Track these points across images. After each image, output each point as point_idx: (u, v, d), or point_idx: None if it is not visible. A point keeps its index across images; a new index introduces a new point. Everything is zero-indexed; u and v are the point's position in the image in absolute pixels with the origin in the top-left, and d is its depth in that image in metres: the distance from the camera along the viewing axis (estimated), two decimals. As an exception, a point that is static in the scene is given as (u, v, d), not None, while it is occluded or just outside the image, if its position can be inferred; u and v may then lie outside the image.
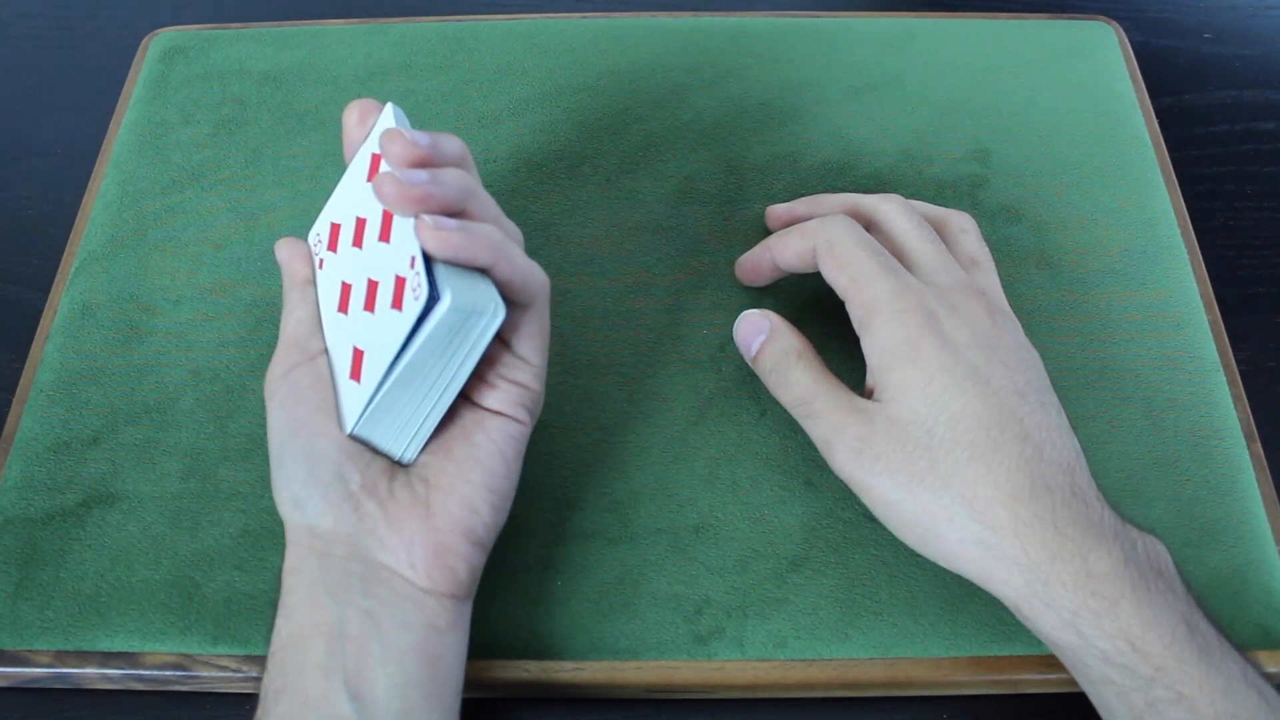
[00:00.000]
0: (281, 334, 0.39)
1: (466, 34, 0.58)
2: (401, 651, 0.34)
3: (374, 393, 0.36)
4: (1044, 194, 0.52)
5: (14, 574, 0.41)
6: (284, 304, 0.40)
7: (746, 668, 0.40)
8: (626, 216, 0.51)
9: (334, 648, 0.34)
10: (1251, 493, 0.43)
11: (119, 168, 0.53)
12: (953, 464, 0.36)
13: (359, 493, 0.36)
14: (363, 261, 0.38)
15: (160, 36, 0.59)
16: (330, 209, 0.41)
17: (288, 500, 0.36)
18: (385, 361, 0.36)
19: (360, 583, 0.35)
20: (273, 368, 0.38)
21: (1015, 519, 0.35)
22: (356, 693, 0.33)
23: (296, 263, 0.41)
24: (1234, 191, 0.56)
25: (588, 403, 0.46)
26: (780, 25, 0.59)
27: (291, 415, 0.37)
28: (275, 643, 0.35)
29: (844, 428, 0.38)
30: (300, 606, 0.35)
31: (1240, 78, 0.61)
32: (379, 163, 0.39)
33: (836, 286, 0.41)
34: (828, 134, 0.54)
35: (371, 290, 0.37)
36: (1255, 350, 0.50)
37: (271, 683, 0.34)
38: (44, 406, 0.46)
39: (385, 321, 0.36)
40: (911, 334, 0.38)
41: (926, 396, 0.37)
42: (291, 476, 0.36)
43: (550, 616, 0.41)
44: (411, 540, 0.36)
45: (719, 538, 0.42)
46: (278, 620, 0.36)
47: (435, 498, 0.37)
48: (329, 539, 0.36)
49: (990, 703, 0.41)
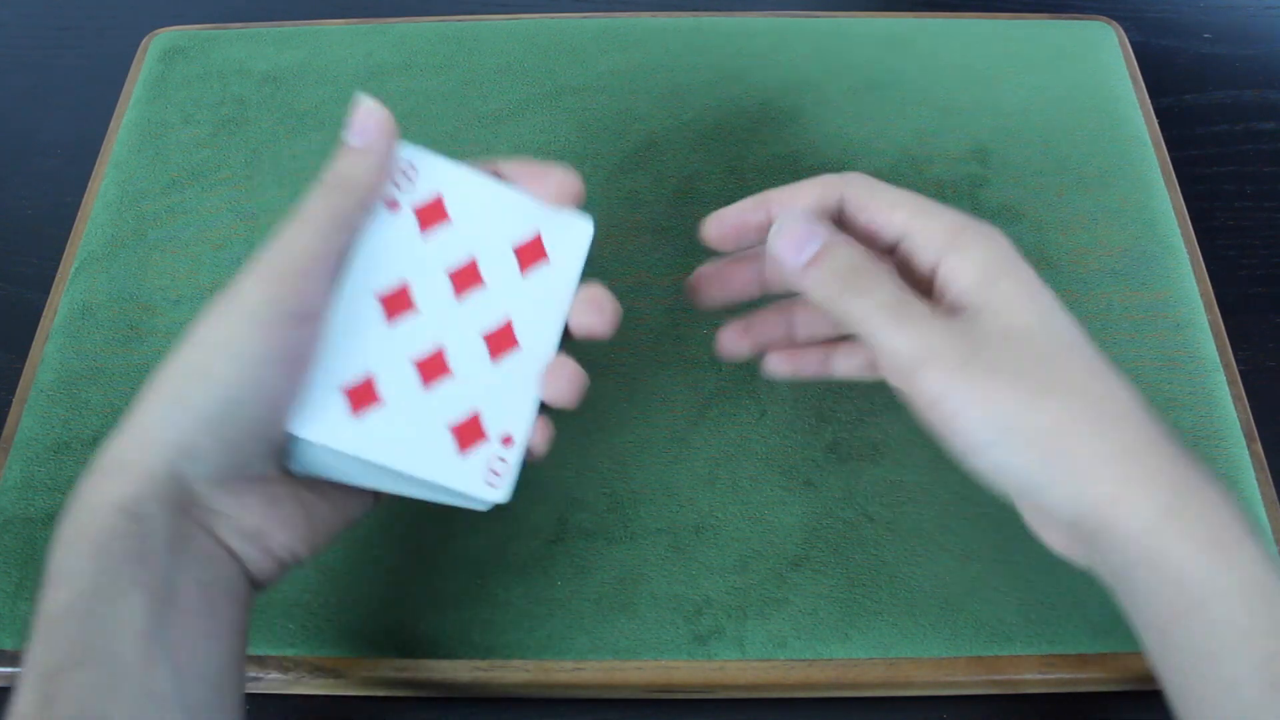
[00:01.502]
0: (307, 245, 0.32)
1: (466, 34, 0.58)
2: (227, 628, 0.32)
3: (357, 453, 0.33)
4: (1044, 194, 0.52)
5: (14, 574, 0.41)
6: (324, 201, 0.33)
7: (746, 668, 0.40)
8: (626, 216, 0.51)
9: (160, 612, 0.30)
10: (1251, 493, 0.43)
11: (119, 168, 0.53)
12: (1082, 372, 0.33)
13: (256, 480, 0.33)
14: (449, 324, 0.35)
15: (160, 36, 0.59)
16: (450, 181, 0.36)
17: (184, 444, 0.31)
18: (399, 456, 0.33)
19: (201, 553, 0.32)
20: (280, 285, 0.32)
21: (1145, 434, 0.32)
22: (179, 665, 0.30)
23: (381, 173, 0.34)
24: (1234, 191, 0.56)
25: (588, 403, 0.45)
26: (780, 25, 0.59)
27: (273, 382, 0.32)
28: (66, 590, 0.30)
29: (943, 338, 0.32)
30: (123, 556, 0.30)
31: (1240, 78, 0.61)
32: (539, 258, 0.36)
33: (887, 228, 0.36)
34: (828, 134, 0.54)
35: (438, 370, 0.34)
36: (1255, 350, 0.50)
37: (68, 647, 0.29)
38: (44, 406, 0.46)
39: (431, 428, 0.34)
40: (1008, 253, 0.34)
41: (1039, 308, 0.34)
42: (217, 434, 0.31)
43: (550, 616, 0.41)
44: (267, 549, 0.33)
45: (719, 538, 0.42)
46: (72, 561, 0.30)
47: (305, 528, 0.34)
48: (193, 500, 0.32)
49: (990, 703, 0.41)
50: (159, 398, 0.32)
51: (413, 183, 0.35)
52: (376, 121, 0.34)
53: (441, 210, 0.35)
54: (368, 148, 0.34)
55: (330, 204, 0.33)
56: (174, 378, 0.32)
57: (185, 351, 0.32)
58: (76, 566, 0.30)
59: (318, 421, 0.32)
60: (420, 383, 0.34)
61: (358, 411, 0.33)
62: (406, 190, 0.35)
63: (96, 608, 0.29)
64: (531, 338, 0.35)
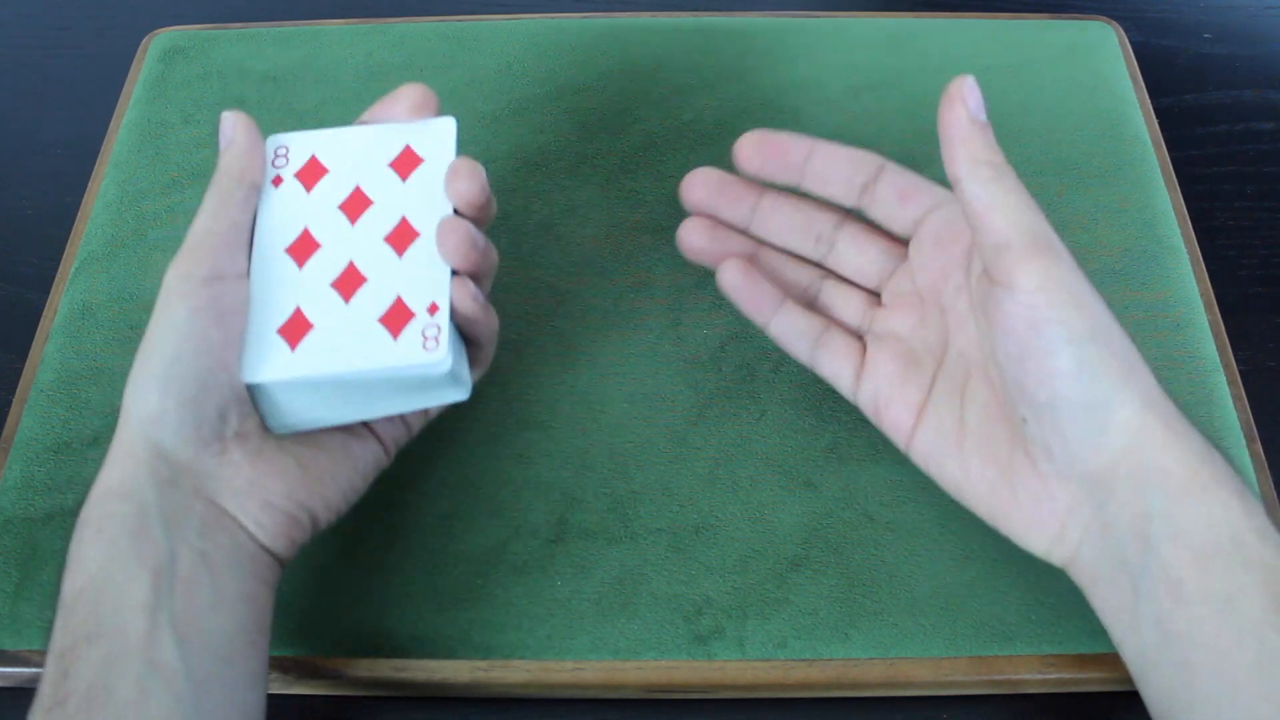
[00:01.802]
0: (205, 227, 0.36)
1: (466, 34, 0.58)
2: (233, 597, 0.34)
3: (308, 374, 0.35)
4: (1044, 194, 0.52)
5: (14, 574, 0.41)
6: (214, 192, 0.37)
7: (746, 668, 0.40)
8: (626, 216, 0.51)
9: (162, 585, 0.32)
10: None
11: (119, 168, 0.53)
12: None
13: (231, 438, 0.35)
14: (352, 243, 0.38)
15: (160, 36, 0.59)
16: (319, 144, 0.40)
17: (153, 414, 0.34)
18: (341, 360, 0.36)
19: (199, 522, 0.34)
20: (189, 262, 0.35)
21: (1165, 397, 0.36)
22: (183, 635, 0.31)
23: (251, 157, 0.38)
24: (1234, 191, 0.56)
25: (588, 403, 0.46)
26: (780, 25, 0.59)
27: (204, 333, 0.34)
28: (80, 576, 0.32)
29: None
30: (122, 535, 0.32)
31: (1240, 78, 0.61)
32: (415, 164, 0.39)
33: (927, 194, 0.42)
34: (828, 134, 0.54)
35: (354, 281, 0.37)
36: (1255, 350, 0.50)
37: (80, 626, 0.31)
38: (44, 406, 0.46)
39: (363, 326, 0.36)
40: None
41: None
42: (173, 393, 0.34)
43: (550, 616, 0.41)
44: (269, 501, 0.35)
45: (719, 538, 0.42)
46: (83, 549, 0.33)
47: (307, 479, 0.37)
48: (179, 469, 0.34)
49: (990, 703, 0.41)
50: (128, 386, 0.35)
51: (288, 160, 0.40)
52: (231, 123, 0.39)
53: (318, 166, 0.39)
54: (231, 141, 0.39)
55: (214, 193, 0.37)
56: (134, 365, 0.35)
57: (141, 345, 0.35)
58: (85, 553, 0.32)
59: (262, 363, 0.35)
60: (341, 299, 0.37)
61: (294, 343, 0.36)
62: (284, 167, 0.39)
63: (105, 587, 0.31)
64: (427, 224, 0.38)
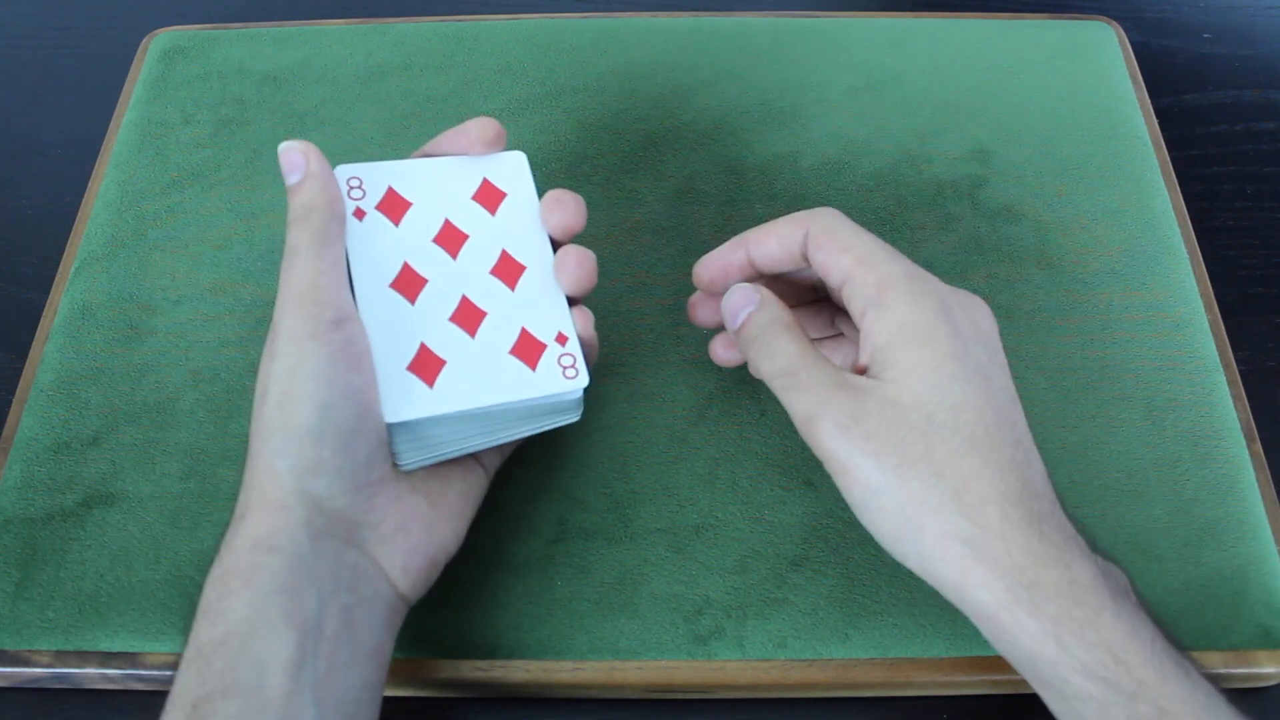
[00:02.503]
0: (313, 267, 0.36)
1: (466, 34, 0.58)
2: (366, 654, 0.34)
3: (453, 410, 0.36)
4: (1044, 194, 0.52)
5: (14, 574, 0.41)
6: (305, 229, 0.37)
7: (746, 668, 0.40)
8: (626, 216, 0.51)
9: (307, 645, 0.31)
10: (1251, 493, 0.43)
11: (119, 168, 0.53)
12: (949, 454, 0.34)
13: (377, 482, 0.35)
14: (459, 277, 0.39)
15: (160, 36, 0.59)
16: (393, 176, 0.40)
17: (306, 464, 0.34)
18: (486, 394, 0.37)
19: (349, 574, 0.34)
20: (312, 305, 0.35)
21: (1004, 519, 0.33)
22: (320, 697, 0.31)
23: (332, 188, 0.38)
24: (1234, 191, 0.56)
25: (588, 403, 0.46)
26: (780, 25, 0.59)
27: (348, 379, 0.35)
28: (221, 626, 0.31)
29: (832, 401, 0.35)
30: (272, 589, 0.32)
31: (1240, 78, 0.61)
32: (499, 197, 0.41)
33: (834, 270, 0.38)
34: (828, 134, 0.54)
35: (473, 315, 0.38)
36: (1255, 350, 0.50)
37: (217, 678, 0.30)
38: (44, 406, 0.46)
39: (496, 359, 0.38)
40: (927, 317, 0.36)
41: (934, 381, 0.35)
42: (329, 442, 0.34)
43: (550, 616, 0.41)
44: (414, 546, 0.36)
45: (719, 538, 0.42)
46: (228, 600, 0.32)
47: (438, 517, 0.37)
48: (334, 518, 0.34)
49: (990, 703, 0.41)
50: (265, 437, 0.34)
51: (364, 191, 0.40)
52: (300, 153, 0.38)
53: (399, 198, 0.40)
54: (306, 176, 0.38)
55: (307, 230, 0.37)
56: (269, 416, 0.34)
57: (267, 396, 0.35)
58: (227, 603, 0.32)
59: (405, 402, 0.36)
60: (465, 333, 0.38)
61: (431, 379, 0.37)
62: (363, 199, 0.40)
63: (248, 641, 0.31)
64: (529, 255, 0.40)
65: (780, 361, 0.37)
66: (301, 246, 0.36)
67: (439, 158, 0.42)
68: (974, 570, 0.33)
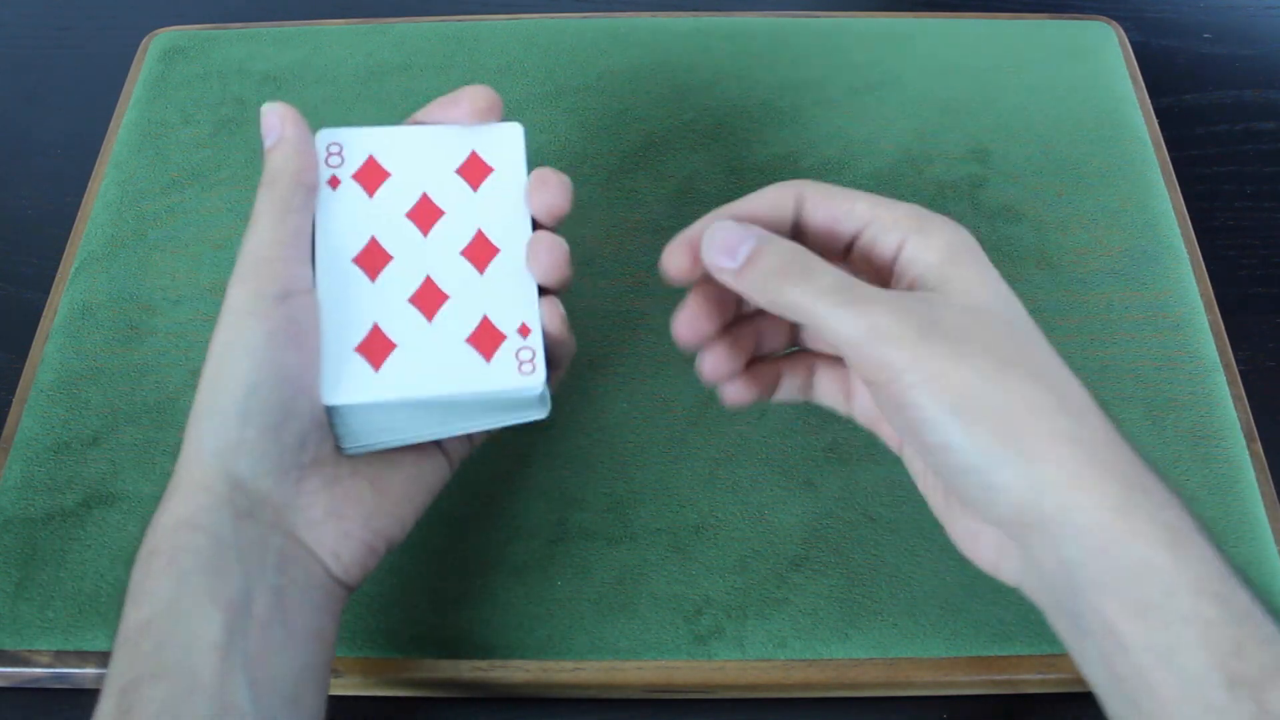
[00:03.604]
0: (269, 237, 0.34)
1: (466, 34, 0.58)
2: (303, 635, 0.32)
3: (393, 395, 0.34)
4: (1044, 194, 0.52)
5: (14, 574, 0.41)
6: (269, 195, 0.35)
7: (746, 668, 0.40)
8: (626, 216, 0.51)
9: (236, 624, 0.30)
10: (1251, 493, 0.43)
11: (119, 168, 0.53)
12: (1041, 356, 0.32)
13: (309, 465, 0.34)
14: (426, 256, 0.36)
15: (160, 36, 0.59)
16: (375, 143, 0.38)
17: (231, 444, 0.32)
18: (432, 383, 0.35)
19: (276, 557, 0.32)
20: (258, 278, 0.33)
21: (1106, 428, 0.31)
22: (254, 679, 0.30)
23: (305, 155, 0.36)
24: (1234, 191, 0.56)
25: (588, 403, 0.46)
26: (780, 25, 0.59)
27: (283, 358, 0.33)
28: (146, 608, 0.30)
29: (906, 310, 0.31)
30: (196, 569, 0.31)
31: (1240, 78, 0.61)
32: (485, 172, 0.38)
33: (847, 220, 0.35)
34: (828, 134, 0.54)
35: (434, 298, 0.36)
36: (1255, 350, 0.50)
37: (145, 662, 0.30)
38: (44, 406, 0.46)
39: (451, 347, 0.35)
40: (970, 239, 0.34)
41: (999, 291, 0.33)
42: (254, 422, 0.32)
43: (550, 616, 0.41)
44: (347, 532, 0.34)
45: (719, 538, 0.42)
46: (151, 580, 0.31)
47: (381, 503, 0.35)
48: (257, 500, 0.32)
49: (990, 703, 0.41)
50: (196, 415, 0.33)
51: (343, 158, 0.37)
52: (279, 116, 0.36)
53: (378, 168, 0.38)
54: (280, 140, 0.36)
55: (270, 197, 0.35)
56: (203, 392, 0.33)
57: (205, 369, 0.33)
58: (154, 585, 0.31)
59: (346, 385, 0.34)
60: (423, 316, 0.36)
61: (377, 363, 0.35)
62: (340, 166, 0.37)
63: (175, 623, 0.30)
64: (506, 238, 0.37)
65: (828, 278, 0.32)
66: (263, 213, 0.35)
67: (428, 125, 0.39)
68: (1087, 471, 0.30)
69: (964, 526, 0.35)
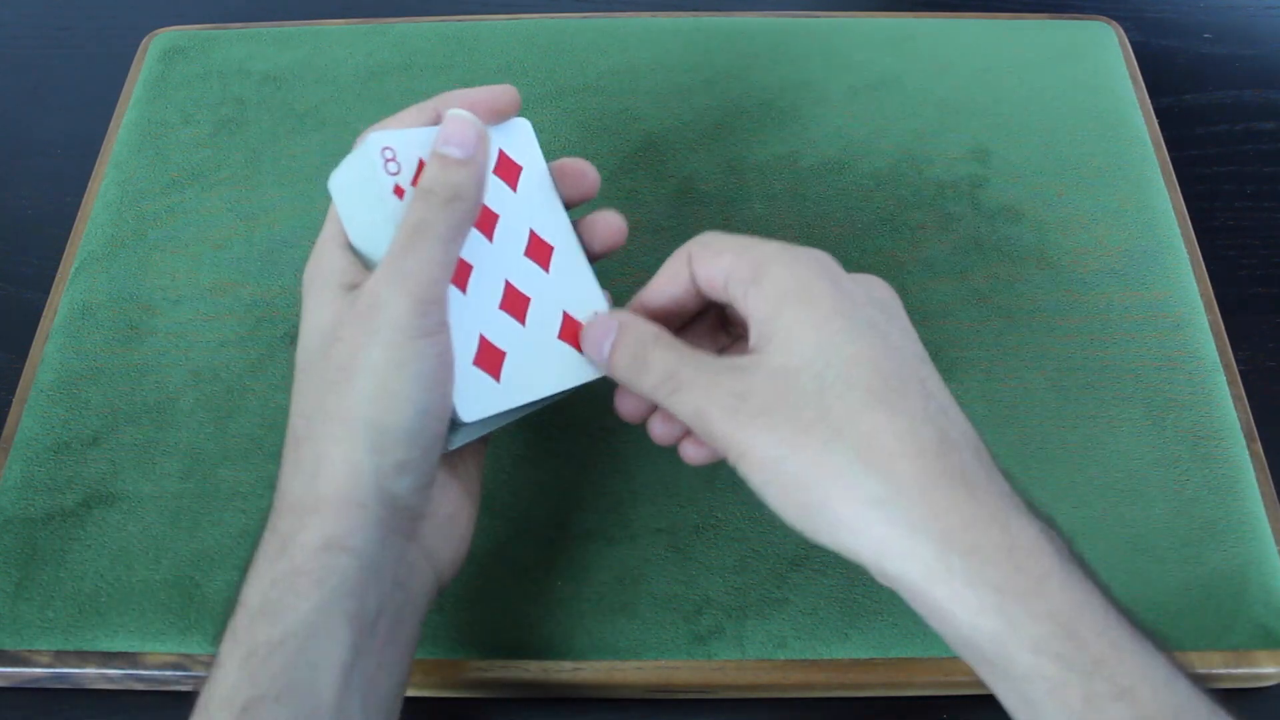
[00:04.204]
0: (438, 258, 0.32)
1: (466, 34, 0.58)
2: (404, 651, 0.33)
3: (520, 401, 0.36)
4: (1044, 194, 0.52)
5: (14, 574, 0.41)
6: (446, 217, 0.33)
7: (746, 668, 0.40)
8: (626, 216, 0.51)
9: (362, 646, 0.31)
10: (1251, 493, 0.43)
11: (119, 168, 0.53)
12: (846, 410, 0.30)
13: (435, 478, 0.35)
14: (499, 261, 0.37)
15: (160, 36, 0.59)
16: (423, 147, 0.35)
17: (394, 463, 0.32)
18: (550, 383, 0.36)
19: (406, 570, 0.33)
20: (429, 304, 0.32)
21: (922, 474, 0.29)
22: (365, 696, 0.31)
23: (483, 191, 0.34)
24: (1234, 191, 0.56)
25: (588, 403, 0.46)
26: (780, 25, 0.59)
27: (444, 385, 0.33)
28: (280, 627, 0.30)
29: (717, 387, 0.32)
30: (341, 590, 0.30)
31: (1240, 78, 0.61)
32: (516, 170, 0.38)
33: (716, 274, 0.35)
34: (828, 134, 0.54)
35: (519, 302, 0.37)
36: (1255, 350, 0.50)
37: (272, 682, 0.29)
38: (44, 406, 0.46)
39: (550, 347, 0.37)
40: (806, 277, 0.33)
41: (820, 339, 0.32)
42: (419, 444, 0.32)
43: (550, 616, 0.41)
44: (461, 533, 0.36)
45: (719, 538, 0.42)
46: (293, 598, 0.30)
47: (470, 499, 0.37)
48: (404, 515, 0.33)
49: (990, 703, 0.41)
50: (351, 429, 0.32)
51: (399, 165, 0.35)
52: (475, 132, 0.34)
53: None
54: (470, 159, 0.34)
55: (448, 216, 0.33)
56: (358, 408, 0.32)
57: (354, 382, 0.32)
58: (291, 603, 0.30)
59: (480, 400, 0.35)
60: (516, 321, 0.37)
61: (496, 373, 0.36)
62: (398, 174, 0.35)
63: (308, 643, 0.30)
64: (553, 233, 0.38)
65: (658, 370, 0.34)
66: (436, 231, 0.32)
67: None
68: (894, 537, 0.29)
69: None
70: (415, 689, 0.41)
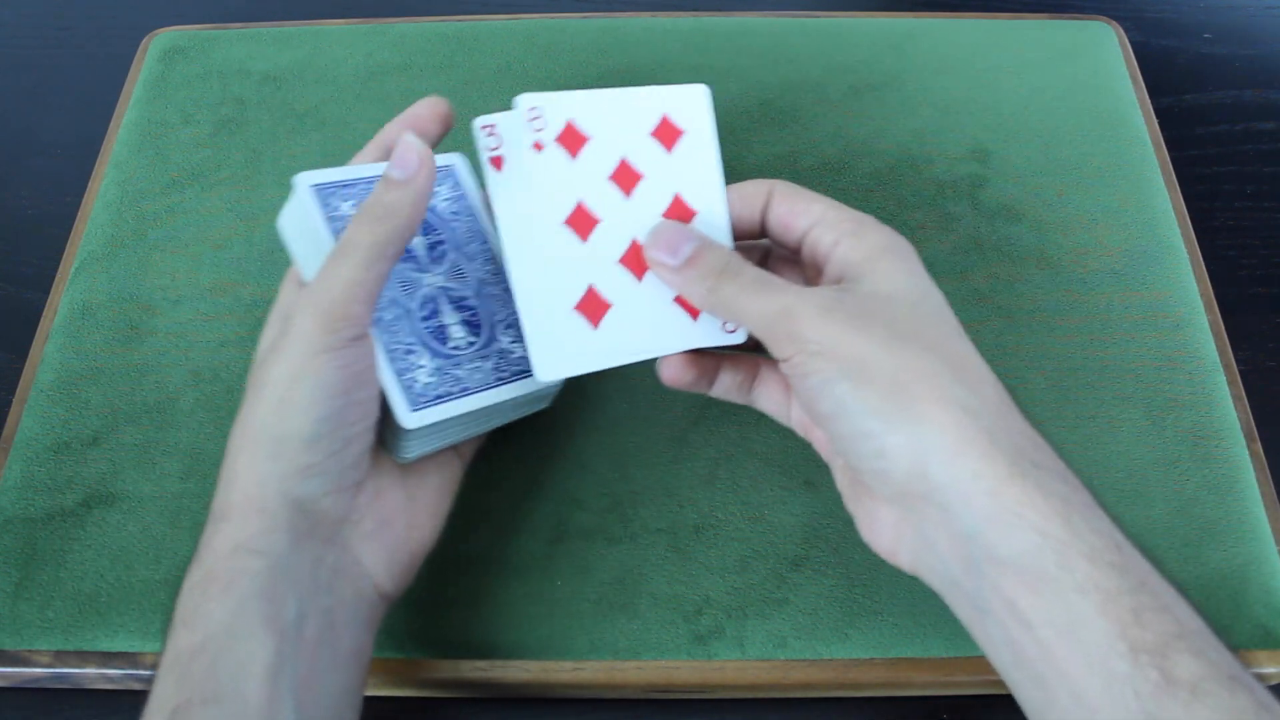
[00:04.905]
0: (356, 276, 0.33)
1: (466, 34, 0.58)
2: (347, 656, 0.33)
3: (608, 362, 0.36)
4: (1044, 194, 0.52)
5: (14, 574, 0.41)
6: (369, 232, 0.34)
7: (746, 668, 0.40)
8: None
9: (286, 649, 0.31)
10: (1251, 493, 0.43)
11: (119, 168, 0.53)
12: (939, 334, 0.33)
13: (360, 480, 0.35)
14: (631, 219, 0.37)
15: (160, 36, 0.59)
16: (573, 108, 0.38)
17: (295, 468, 0.33)
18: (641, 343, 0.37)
19: (329, 575, 0.33)
20: (337, 319, 0.33)
21: (1000, 400, 0.32)
22: (300, 701, 0.31)
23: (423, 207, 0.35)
24: (1234, 191, 0.56)
25: (588, 403, 0.46)
26: (780, 25, 0.59)
27: (353, 394, 0.33)
28: (199, 632, 0.31)
29: (810, 293, 0.34)
30: (252, 594, 0.31)
31: (1240, 78, 0.61)
32: (676, 135, 0.38)
33: (803, 216, 0.37)
34: (828, 134, 0.54)
35: (642, 260, 0.37)
36: (1255, 350, 0.50)
37: (196, 686, 0.30)
38: (44, 406, 0.46)
39: (661, 308, 0.37)
40: (899, 242, 0.36)
41: (913, 282, 0.34)
42: (322, 449, 0.33)
43: (550, 616, 0.41)
44: (396, 543, 0.36)
45: (719, 538, 0.42)
46: (206, 604, 0.31)
47: (417, 511, 0.37)
48: (318, 520, 0.33)
49: (990, 703, 0.41)
50: (253, 439, 0.33)
51: (544, 122, 0.37)
52: (417, 156, 0.35)
53: (578, 133, 0.38)
54: (409, 180, 0.35)
55: (373, 233, 0.34)
56: (262, 418, 0.33)
57: (262, 394, 0.33)
58: (206, 609, 0.31)
59: (567, 355, 0.36)
60: (633, 277, 0.37)
61: (596, 322, 0.36)
62: (541, 130, 0.37)
63: (227, 646, 0.30)
64: (701, 199, 0.38)
65: (750, 273, 0.35)
66: (358, 248, 0.34)
67: (619, 89, 0.39)
68: (975, 438, 0.31)
69: (865, 510, 0.36)
70: (414, 690, 0.41)
